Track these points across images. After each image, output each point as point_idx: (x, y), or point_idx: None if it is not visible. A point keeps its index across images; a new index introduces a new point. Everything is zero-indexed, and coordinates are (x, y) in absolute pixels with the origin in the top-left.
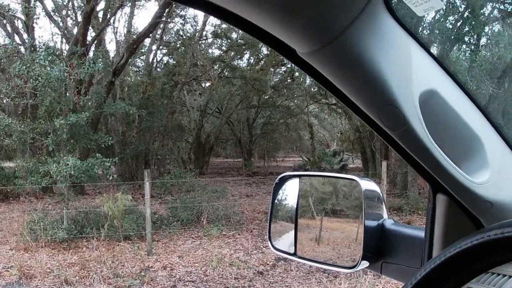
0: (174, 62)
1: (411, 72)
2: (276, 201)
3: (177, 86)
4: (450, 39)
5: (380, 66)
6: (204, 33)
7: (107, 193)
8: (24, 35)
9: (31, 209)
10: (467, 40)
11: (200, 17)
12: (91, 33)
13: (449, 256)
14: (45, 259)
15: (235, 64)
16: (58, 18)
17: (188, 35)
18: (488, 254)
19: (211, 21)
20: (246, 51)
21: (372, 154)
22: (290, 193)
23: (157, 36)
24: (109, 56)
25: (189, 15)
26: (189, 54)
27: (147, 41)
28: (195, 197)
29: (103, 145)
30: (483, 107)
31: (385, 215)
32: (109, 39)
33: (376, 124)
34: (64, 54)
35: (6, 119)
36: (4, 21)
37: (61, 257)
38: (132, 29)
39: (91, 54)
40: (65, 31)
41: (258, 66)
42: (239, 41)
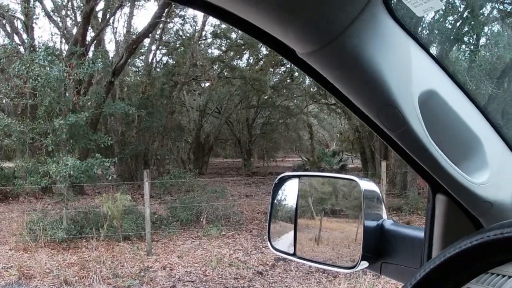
0: (173, 62)
1: (411, 73)
2: (276, 201)
3: (176, 86)
4: (449, 39)
5: (380, 66)
6: (204, 33)
7: (107, 193)
8: (24, 35)
9: (31, 209)
10: (467, 40)
11: (200, 17)
12: (91, 33)
13: (449, 257)
14: (44, 259)
15: (235, 64)
16: (58, 18)
17: (187, 35)
18: (488, 254)
19: (211, 21)
20: (245, 51)
21: (372, 154)
22: (290, 193)
23: (156, 36)
24: (109, 56)
25: (188, 15)
26: (188, 54)
27: (147, 41)
28: (194, 197)
29: (103, 145)
30: (483, 107)
31: (385, 215)
32: (108, 39)
33: (375, 125)
34: (64, 54)
35: (5, 119)
36: (4, 21)
37: (60, 257)
38: (131, 29)
39: (90, 54)
40: (65, 31)
41: (258, 66)
42: (238, 41)
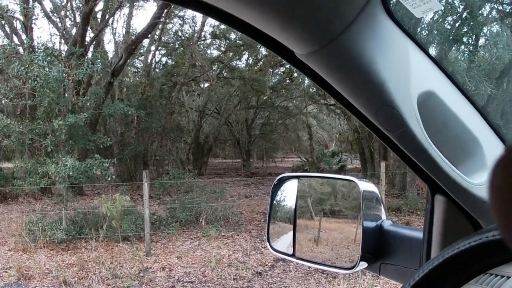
0: (172, 62)
1: (409, 73)
2: (275, 202)
3: (175, 87)
4: (448, 40)
5: (378, 67)
6: (203, 33)
7: (106, 194)
8: (23, 36)
9: (30, 210)
10: (466, 40)
11: (199, 18)
12: (90, 33)
13: (447, 257)
14: (43, 260)
15: (234, 64)
16: (57, 18)
17: (186, 36)
18: (486, 255)
19: (210, 22)
20: (244, 51)
21: (371, 155)
22: (289, 194)
23: (155, 37)
24: (108, 56)
25: (187, 16)
26: (187, 55)
27: (146, 41)
28: (193, 197)
29: (102, 146)
30: (481, 108)
31: (384, 216)
32: (107, 39)
33: (374, 126)
34: (63, 55)
35: (4, 120)
36: (3, 22)
37: (59, 258)
38: (130, 30)
39: (89, 54)
40: (64, 31)
41: (257, 66)
42: (237, 41)
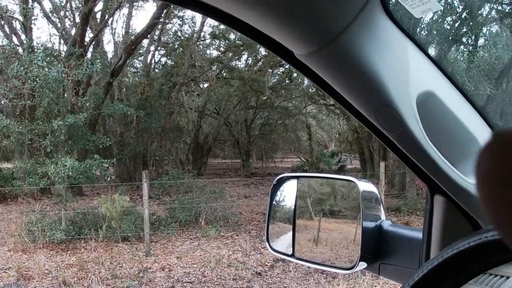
0: (172, 63)
1: (409, 74)
2: (274, 202)
3: (175, 87)
4: (448, 40)
5: (378, 67)
6: (202, 34)
7: (105, 194)
8: (22, 36)
9: (29, 210)
10: (465, 41)
11: (198, 18)
12: (89, 34)
13: (447, 257)
14: (43, 260)
15: (233, 65)
16: (56, 19)
17: (186, 36)
18: (486, 255)
19: (209, 22)
20: (244, 52)
21: (370, 155)
22: (288, 194)
23: (155, 37)
24: (107, 57)
25: (187, 16)
26: (187, 55)
27: (145, 42)
28: (193, 198)
29: (101, 146)
30: (481, 108)
31: (383, 216)
32: (107, 40)
33: (373, 126)
34: (62, 55)
35: (4, 120)
36: (2, 22)
37: (59, 258)
38: (130, 30)
39: (89, 55)
40: (63, 32)
41: (256, 67)
42: (237, 42)
